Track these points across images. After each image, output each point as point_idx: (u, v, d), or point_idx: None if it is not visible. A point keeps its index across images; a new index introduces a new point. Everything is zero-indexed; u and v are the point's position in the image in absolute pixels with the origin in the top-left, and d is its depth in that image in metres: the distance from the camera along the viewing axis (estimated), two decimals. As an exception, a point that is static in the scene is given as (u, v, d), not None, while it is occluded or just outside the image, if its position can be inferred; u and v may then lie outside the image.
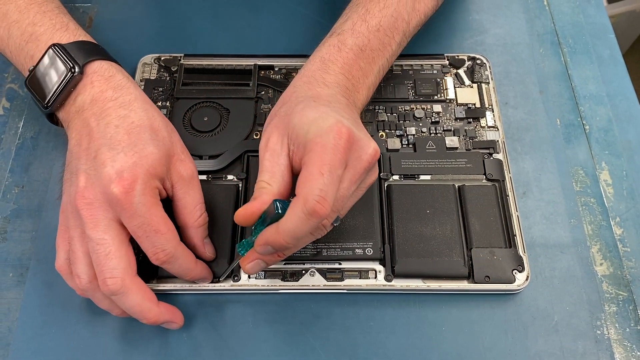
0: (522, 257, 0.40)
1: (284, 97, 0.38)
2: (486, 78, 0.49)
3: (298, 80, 0.39)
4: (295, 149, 0.34)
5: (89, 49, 0.39)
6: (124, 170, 0.34)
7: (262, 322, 0.39)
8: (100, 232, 0.34)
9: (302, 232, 0.32)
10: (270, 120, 0.37)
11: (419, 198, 0.42)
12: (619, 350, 0.38)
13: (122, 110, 0.37)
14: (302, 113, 0.34)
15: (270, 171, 0.34)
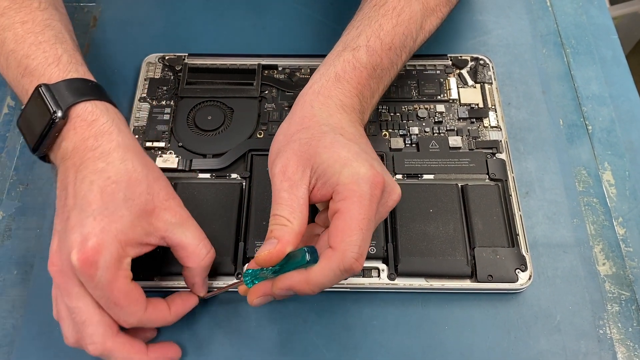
0: (524, 256, 0.40)
1: (302, 120, 0.35)
2: (489, 78, 0.49)
3: (314, 98, 0.36)
4: (320, 186, 0.33)
5: (76, 88, 0.37)
6: (90, 238, 0.32)
7: (265, 320, 0.39)
8: (73, 301, 0.33)
9: (331, 285, 0.32)
10: (287, 143, 0.35)
11: (422, 197, 0.42)
12: (622, 349, 0.38)
13: (100, 163, 0.34)
14: (333, 150, 0.33)
15: (290, 206, 0.33)
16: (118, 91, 0.49)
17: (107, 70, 0.50)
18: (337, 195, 0.32)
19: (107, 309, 0.33)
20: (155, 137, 0.45)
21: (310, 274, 0.32)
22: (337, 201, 0.32)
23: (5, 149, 0.46)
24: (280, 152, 0.35)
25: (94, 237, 0.32)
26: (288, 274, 0.33)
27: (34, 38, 0.38)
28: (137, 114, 0.46)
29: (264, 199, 0.42)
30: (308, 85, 0.38)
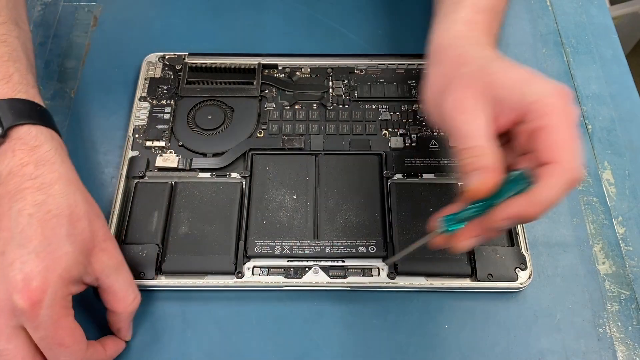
0: (524, 255, 0.40)
1: (455, 59, 0.34)
2: (489, 77, 0.49)
3: (456, 41, 0.36)
4: (502, 112, 0.31)
5: (22, 109, 0.35)
6: (33, 277, 0.31)
7: (266, 319, 0.39)
8: (3, 342, 0.31)
9: (557, 202, 0.29)
10: (449, 82, 0.33)
11: (422, 196, 0.42)
12: (621, 348, 0.39)
13: (40, 195, 0.33)
14: (507, 74, 0.32)
15: (480, 135, 0.31)
16: (118, 90, 0.49)
17: (107, 70, 0.50)
18: (532, 114, 0.30)
19: (48, 350, 0.32)
20: (156, 137, 0.45)
21: (536, 195, 0.29)
22: (535, 119, 0.30)
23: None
24: (444, 92, 0.33)
25: (37, 275, 0.31)
26: (507, 202, 0.30)
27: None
28: (137, 113, 0.46)
29: (264, 198, 0.42)
30: (438, 34, 0.37)
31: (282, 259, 0.40)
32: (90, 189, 0.43)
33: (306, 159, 0.44)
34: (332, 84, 0.48)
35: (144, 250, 0.40)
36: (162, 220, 0.41)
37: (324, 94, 0.48)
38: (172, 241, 0.40)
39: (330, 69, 0.49)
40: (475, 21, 0.37)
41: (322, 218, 0.41)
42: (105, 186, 0.44)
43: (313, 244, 0.40)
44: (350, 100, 0.48)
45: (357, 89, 0.48)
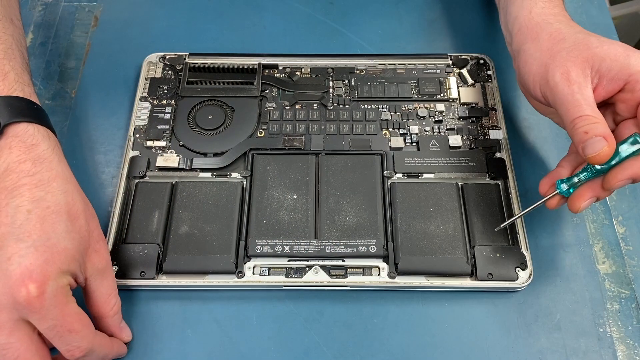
0: (524, 255, 0.40)
1: (551, 36, 0.38)
2: (489, 77, 0.49)
3: (546, 18, 0.39)
4: (605, 83, 0.35)
5: (19, 107, 0.35)
6: (34, 269, 0.30)
7: (266, 318, 0.39)
8: (5, 336, 0.31)
9: None
10: (552, 56, 0.36)
11: (422, 196, 0.42)
12: (622, 347, 0.39)
13: (38, 191, 0.33)
14: (607, 48, 0.35)
15: (590, 105, 0.34)
16: (119, 90, 0.49)
17: (108, 70, 0.50)
18: (637, 84, 0.34)
19: (59, 338, 0.32)
20: (156, 136, 0.45)
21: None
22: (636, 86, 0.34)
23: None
24: (548, 64, 0.36)
25: (37, 268, 0.31)
26: (625, 165, 0.34)
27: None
28: (138, 113, 0.47)
29: (265, 197, 0.42)
30: (522, 13, 0.40)
31: (283, 258, 0.40)
32: (91, 189, 0.44)
33: (306, 159, 0.44)
34: (333, 84, 0.48)
35: (144, 250, 0.40)
36: (162, 220, 0.41)
37: (325, 94, 0.48)
38: (173, 241, 0.40)
39: (330, 69, 0.49)
40: (551, 0, 0.40)
41: (323, 218, 0.41)
42: (106, 186, 0.44)
43: (313, 243, 0.40)
44: (350, 100, 0.48)
45: (357, 89, 0.48)
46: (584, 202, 0.36)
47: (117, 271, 0.39)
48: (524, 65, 0.39)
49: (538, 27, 0.39)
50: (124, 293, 0.40)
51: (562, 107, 0.35)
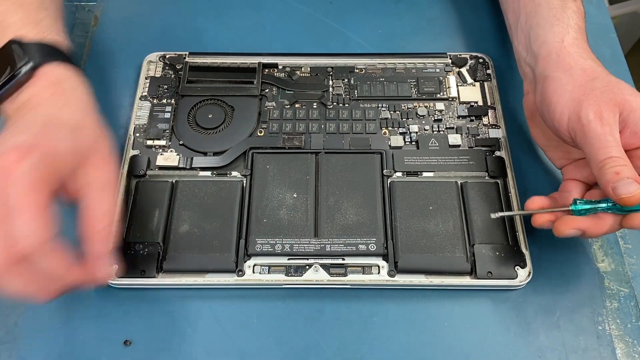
0: (524, 253, 0.40)
1: (585, 71, 0.38)
2: (488, 76, 0.49)
3: (577, 50, 0.40)
4: (627, 132, 0.35)
5: (50, 50, 0.37)
6: (19, 146, 0.31)
7: (266, 316, 0.39)
8: None
9: None
10: (585, 92, 0.36)
11: (421, 195, 0.42)
12: (620, 345, 0.39)
13: (52, 109, 0.35)
14: (638, 99, 0.35)
15: (619, 149, 0.34)
16: (119, 90, 0.49)
17: (108, 69, 0.51)
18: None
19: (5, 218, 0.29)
20: (156, 135, 0.45)
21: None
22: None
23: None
24: (582, 101, 0.36)
25: (25, 145, 0.31)
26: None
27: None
28: (138, 113, 0.47)
29: (265, 196, 0.42)
30: (556, 39, 0.40)
31: (283, 257, 0.40)
32: (91, 188, 0.44)
33: (306, 158, 0.44)
34: (332, 83, 0.49)
35: (145, 249, 0.40)
36: (163, 218, 0.41)
37: (324, 93, 0.48)
38: (173, 239, 0.40)
39: (330, 68, 0.49)
40: (582, 29, 0.41)
41: (323, 216, 0.41)
42: (106, 185, 0.44)
43: (313, 242, 0.40)
44: (350, 99, 0.48)
45: (357, 88, 0.48)
46: (575, 231, 0.36)
47: (117, 270, 0.39)
48: (554, 93, 0.38)
49: (570, 59, 0.39)
50: (124, 291, 0.40)
51: (593, 146, 0.35)
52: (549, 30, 0.41)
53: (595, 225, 0.36)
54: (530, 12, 0.43)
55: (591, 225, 0.36)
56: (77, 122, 0.35)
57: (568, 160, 0.42)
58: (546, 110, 0.39)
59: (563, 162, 0.42)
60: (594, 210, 0.36)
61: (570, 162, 0.41)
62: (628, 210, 0.35)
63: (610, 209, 0.36)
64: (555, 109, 0.38)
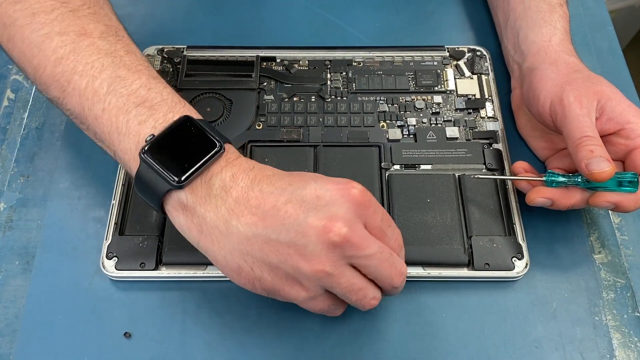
0: (521, 244, 0.40)
1: (568, 65, 0.41)
2: (486, 69, 0.49)
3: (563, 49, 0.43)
4: (603, 118, 0.38)
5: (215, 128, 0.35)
6: (349, 181, 0.32)
7: (265, 308, 0.40)
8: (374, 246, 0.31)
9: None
10: (568, 80, 0.40)
11: (419, 187, 0.43)
12: (617, 336, 0.39)
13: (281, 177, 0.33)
14: (616, 91, 0.39)
15: (594, 130, 0.37)
16: (117, 83, 0.49)
17: (106, 63, 0.50)
18: (632, 133, 0.38)
19: (387, 228, 0.33)
20: (155, 129, 0.45)
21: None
22: (635, 137, 0.38)
23: (5, 141, 0.47)
24: (564, 85, 0.39)
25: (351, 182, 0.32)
26: (614, 192, 0.37)
27: (147, 72, 0.35)
28: (136, 106, 0.47)
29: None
30: (544, 39, 0.43)
31: (281, 249, 0.40)
32: (90, 181, 0.44)
33: (305, 151, 0.44)
34: (330, 76, 0.49)
35: (144, 242, 0.40)
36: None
37: (322, 86, 0.48)
38: (172, 232, 0.40)
39: (328, 61, 0.49)
40: (568, 32, 0.45)
41: (321, 209, 0.41)
42: (106, 177, 0.44)
43: (312, 234, 0.40)
44: (348, 92, 0.48)
45: (355, 81, 0.48)
46: (543, 200, 0.39)
47: (116, 263, 0.39)
48: (539, 81, 0.41)
49: (556, 55, 0.43)
50: (124, 284, 0.40)
51: (572, 124, 0.38)
52: (538, 31, 0.44)
53: (564, 196, 0.39)
54: (520, 14, 0.46)
55: (560, 197, 0.39)
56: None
57: (551, 150, 0.44)
58: (532, 95, 0.41)
59: (547, 152, 0.44)
60: (564, 184, 0.39)
61: (553, 153, 0.44)
62: (594, 186, 0.38)
63: (579, 184, 0.38)
64: (539, 94, 0.41)
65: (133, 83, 0.34)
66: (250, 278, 0.32)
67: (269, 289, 0.33)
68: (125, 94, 0.34)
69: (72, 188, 0.44)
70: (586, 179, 0.37)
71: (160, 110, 0.33)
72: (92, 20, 0.36)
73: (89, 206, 0.43)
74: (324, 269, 0.30)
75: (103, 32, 0.36)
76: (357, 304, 0.33)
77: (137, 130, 0.33)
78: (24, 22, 0.35)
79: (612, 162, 0.36)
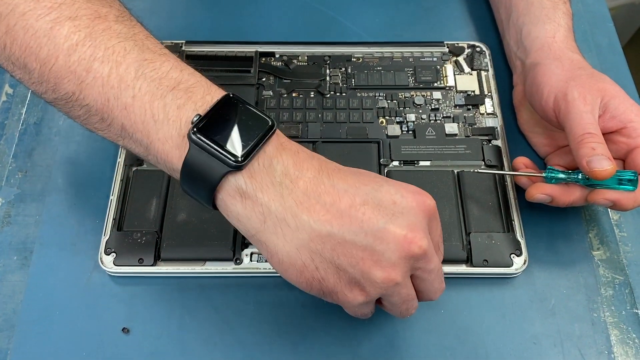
0: (519, 241, 0.40)
1: (572, 62, 0.41)
2: (485, 65, 0.49)
3: (566, 45, 0.43)
4: (606, 117, 0.38)
5: None
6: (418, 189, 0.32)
7: (264, 304, 0.40)
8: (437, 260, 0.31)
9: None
10: (572, 76, 0.40)
11: (418, 183, 0.42)
12: (615, 332, 0.39)
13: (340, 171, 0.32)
14: (620, 89, 0.39)
15: (597, 127, 0.37)
16: (116, 79, 0.49)
17: (104, 58, 0.50)
18: (633, 132, 0.38)
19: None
20: (153, 124, 0.45)
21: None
22: (636, 137, 0.38)
23: (4, 136, 0.47)
24: (569, 81, 0.39)
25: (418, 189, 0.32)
26: (613, 190, 0.37)
27: (172, 55, 0.32)
28: (135, 102, 0.46)
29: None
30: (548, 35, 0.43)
31: (280, 245, 0.40)
32: (88, 176, 0.44)
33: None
34: (329, 72, 0.49)
35: (142, 237, 0.40)
36: (160, 207, 0.41)
37: (321, 82, 0.48)
38: (171, 228, 0.41)
39: (327, 56, 0.49)
40: (571, 29, 0.45)
41: (320, 205, 0.41)
42: (104, 173, 0.44)
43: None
44: (347, 88, 0.48)
45: (354, 77, 0.48)
46: (543, 196, 0.39)
47: (115, 258, 0.39)
48: (543, 76, 0.41)
49: (560, 51, 0.42)
50: (122, 280, 0.40)
51: (574, 121, 0.38)
52: (542, 27, 0.44)
53: (564, 193, 0.39)
54: (523, 10, 0.46)
55: (560, 194, 0.39)
56: None
57: (552, 147, 0.44)
58: (535, 90, 0.41)
59: (547, 149, 0.44)
60: (564, 180, 0.39)
61: (554, 150, 0.44)
62: (594, 184, 0.38)
63: (579, 181, 0.38)
64: (543, 89, 0.40)
65: (162, 65, 0.31)
66: (311, 278, 0.30)
67: (328, 291, 0.31)
68: (156, 78, 0.30)
69: (70, 183, 0.44)
70: (586, 176, 0.37)
71: (197, 92, 0.31)
72: (104, 4, 0.32)
73: (87, 202, 0.43)
74: (396, 278, 0.29)
75: (118, 16, 0.32)
76: (400, 312, 0.33)
77: (177, 115, 0.30)
78: (27, 7, 0.30)
79: (613, 160, 0.36)
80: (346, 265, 0.29)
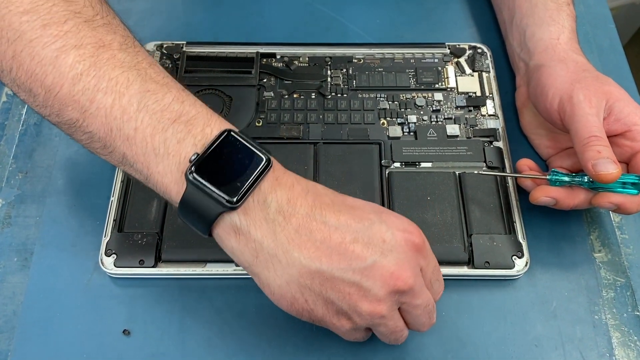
0: (521, 243, 0.40)
1: (577, 64, 0.41)
2: (487, 67, 0.49)
3: (571, 47, 0.43)
4: (611, 119, 0.38)
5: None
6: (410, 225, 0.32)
7: (265, 306, 0.39)
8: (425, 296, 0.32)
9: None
10: (577, 79, 0.40)
11: (420, 185, 0.43)
12: (617, 334, 0.39)
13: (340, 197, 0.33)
14: (625, 93, 0.39)
15: (602, 130, 0.37)
16: (116, 79, 0.49)
17: (105, 59, 0.50)
18: (638, 135, 0.38)
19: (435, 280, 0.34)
20: (154, 125, 0.45)
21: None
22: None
23: (4, 137, 0.46)
24: (574, 83, 0.39)
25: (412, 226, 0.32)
26: (617, 194, 0.37)
27: (174, 84, 0.33)
28: (135, 102, 0.46)
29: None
30: (552, 37, 0.43)
31: (281, 247, 0.40)
32: (89, 177, 0.44)
33: (304, 148, 0.44)
34: (331, 73, 0.48)
35: (143, 239, 0.40)
36: (161, 208, 0.41)
37: (322, 83, 0.48)
38: (172, 229, 0.40)
39: (328, 58, 0.49)
40: (575, 31, 0.45)
41: (321, 206, 0.41)
42: (105, 174, 0.44)
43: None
44: (348, 89, 0.48)
45: (355, 78, 0.48)
46: (548, 199, 0.39)
47: (115, 259, 0.39)
48: (548, 78, 0.41)
49: (565, 53, 0.42)
50: (122, 281, 0.40)
51: (580, 123, 0.37)
52: (546, 29, 0.44)
53: (568, 196, 0.39)
54: (527, 12, 0.46)
55: (564, 196, 0.39)
56: None
57: (555, 149, 0.44)
58: (540, 92, 0.41)
59: (550, 151, 0.44)
60: (569, 183, 0.39)
61: (557, 152, 0.44)
62: (598, 187, 0.38)
63: (583, 184, 0.38)
64: (548, 91, 0.40)
65: (165, 97, 0.31)
66: (301, 309, 0.32)
67: (317, 320, 0.32)
68: (158, 110, 0.31)
69: (71, 184, 0.44)
70: (590, 179, 0.37)
71: (197, 125, 0.31)
72: (108, 31, 0.32)
73: (88, 203, 0.43)
74: (382, 311, 0.31)
75: (122, 43, 0.33)
76: (389, 341, 0.34)
77: (177, 150, 0.30)
78: (33, 35, 0.31)
79: (619, 164, 0.36)
80: (334, 298, 0.31)
